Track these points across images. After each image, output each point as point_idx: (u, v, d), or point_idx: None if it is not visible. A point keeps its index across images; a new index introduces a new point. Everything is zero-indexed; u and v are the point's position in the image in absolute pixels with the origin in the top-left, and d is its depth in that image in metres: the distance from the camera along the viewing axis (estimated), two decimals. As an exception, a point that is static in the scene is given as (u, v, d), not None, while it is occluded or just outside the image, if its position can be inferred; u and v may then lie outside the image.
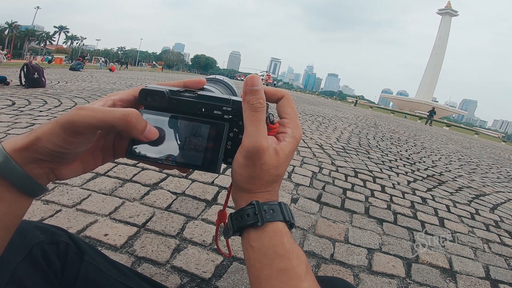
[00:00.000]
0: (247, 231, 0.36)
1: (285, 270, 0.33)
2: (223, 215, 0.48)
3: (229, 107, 0.35)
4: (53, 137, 0.30)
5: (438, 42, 73.97)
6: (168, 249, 1.14)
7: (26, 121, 2.68)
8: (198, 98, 0.35)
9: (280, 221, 0.36)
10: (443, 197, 2.47)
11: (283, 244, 0.34)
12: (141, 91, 0.36)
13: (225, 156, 0.36)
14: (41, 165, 0.32)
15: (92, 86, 6.49)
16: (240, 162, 0.35)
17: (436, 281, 1.26)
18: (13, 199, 0.31)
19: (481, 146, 10.59)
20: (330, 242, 1.40)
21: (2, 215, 0.31)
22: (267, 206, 0.36)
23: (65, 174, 0.34)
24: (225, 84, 0.48)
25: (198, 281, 1.01)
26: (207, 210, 1.49)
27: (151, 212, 1.37)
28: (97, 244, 1.11)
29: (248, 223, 0.35)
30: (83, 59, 14.98)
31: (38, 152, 0.30)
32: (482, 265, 1.46)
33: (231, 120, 0.35)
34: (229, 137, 0.36)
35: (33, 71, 5.16)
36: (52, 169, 0.33)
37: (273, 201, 0.37)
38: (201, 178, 1.84)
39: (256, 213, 0.35)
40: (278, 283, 0.33)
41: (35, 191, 0.33)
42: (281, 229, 0.35)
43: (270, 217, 0.35)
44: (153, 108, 0.36)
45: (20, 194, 0.32)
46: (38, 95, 4.31)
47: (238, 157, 0.35)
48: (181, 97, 0.36)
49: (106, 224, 1.23)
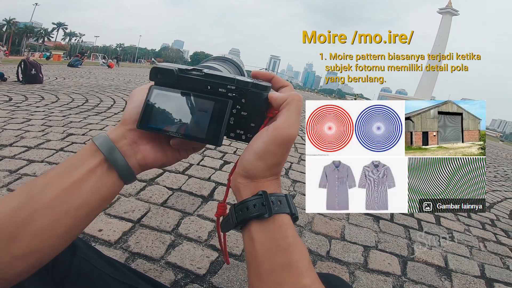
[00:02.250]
0: (250, 224, 0.35)
1: (286, 265, 0.32)
2: (223, 207, 0.46)
3: (233, 86, 0.37)
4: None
5: (438, 41, 74.00)
6: (163, 245, 1.14)
7: (22, 116, 2.67)
8: (205, 76, 0.38)
9: (286, 213, 0.35)
10: (440, 195, 2.48)
11: (287, 238, 0.34)
12: (152, 69, 0.38)
13: (228, 130, 0.39)
14: (136, 151, 0.37)
15: (90, 82, 6.46)
16: (270, 149, 0.35)
17: (432, 279, 1.26)
18: (112, 184, 0.36)
19: (479, 145, 10.62)
20: (326, 239, 1.40)
21: (98, 199, 0.35)
22: (275, 197, 0.35)
23: (150, 162, 0.39)
24: (232, 63, 0.50)
25: (193, 277, 1.01)
26: (203, 206, 1.48)
27: (146, 208, 1.37)
28: (91, 239, 1.10)
29: (254, 215, 0.34)
30: (81, 56, 14.91)
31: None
32: (478, 264, 1.46)
33: (234, 98, 0.38)
34: (232, 113, 0.38)
35: (31, 67, 5.15)
36: (144, 157, 0.38)
37: (280, 192, 0.37)
38: (198, 174, 1.84)
39: (263, 204, 0.34)
40: (279, 278, 0.32)
41: (130, 178, 0.37)
42: (287, 222, 0.35)
43: (278, 208, 0.35)
44: (163, 85, 0.38)
45: (118, 180, 0.36)
46: (35, 91, 4.29)
47: (269, 145, 0.35)
48: (189, 75, 0.38)
49: (100, 220, 1.22)
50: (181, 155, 0.43)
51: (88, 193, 0.34)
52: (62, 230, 0.33)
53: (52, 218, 0.32)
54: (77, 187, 0.33)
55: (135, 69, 19.29)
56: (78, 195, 0.33)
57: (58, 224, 0.32)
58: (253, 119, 0.38)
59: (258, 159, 0.36)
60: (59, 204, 0.32)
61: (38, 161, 1.71)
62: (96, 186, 0.34)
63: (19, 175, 1.52)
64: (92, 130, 2.46)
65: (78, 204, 0.33)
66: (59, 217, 0.32)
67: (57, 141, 2.09)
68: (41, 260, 0.33)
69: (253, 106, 0.38)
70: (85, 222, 0.35)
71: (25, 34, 70.55)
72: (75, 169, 0.34)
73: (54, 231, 0.32)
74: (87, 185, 0.34)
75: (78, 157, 0.36)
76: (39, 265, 0.33)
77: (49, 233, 0.32)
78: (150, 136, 0.39)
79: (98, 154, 0.35)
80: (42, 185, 0.33)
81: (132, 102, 0.39)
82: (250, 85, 0.37)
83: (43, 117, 2.74)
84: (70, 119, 2.75)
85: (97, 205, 0.35)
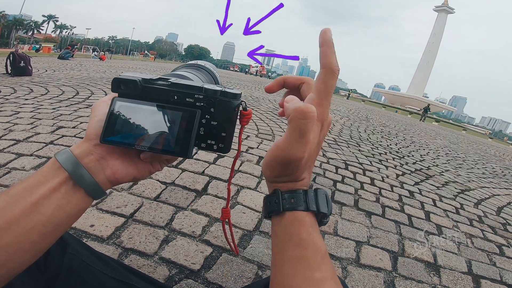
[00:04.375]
0: (273, 217, 0.37)
1: (298, 258, 0.33)
2: (226, 212, 0.49)
3: (201, 95, 0.36)
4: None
5: (432, 39, 74.54)
6: (156, 240, 1.13)
7: (11, 109, 2.60)
8: (171, 86, 0.36)
9: (301, 210, 0.35)
10: (429, 191, 2.52)
11: (300, 234, 0.34)
12: (114, 80, 0.36)
13: (198, 141, 0.38)
14: (104, 167, 0.36)
15: (81, 74, 6.33)
16: (273, 165, 0.36)
17: (421, 275, 1.29)
18: (79, 201, 0.35)
19: (468, 142, 10.81)
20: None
21: (65, 216, 0.34)
22: (288, 195, 0.36)
23: (121, 178, 0.38)
24: (205, 70, 0.49)
25: (187, 272, 1.01)
26: (197, 200, 1.48)
27: (139, 202, 1.36)
28: (83, 235, 1.09)
29: (272, 210, 0.37)
30: (72, 48, 14.57)
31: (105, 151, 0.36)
32: (465, 260, 1.49)
33: (203, 107, 0.36)
34: (201, 123, 0.37)
35: (19, 59, 5.03)
36: (113, 172, 0.37)
37: (299, 189, 0.37)
38: (191, 167, 1.83)
39: (276, 202, 0.36)
40: (290, 270, 0.33)
41: (99, 195, 0.37)
42: (300, 219, 0.35)
43: (289, 206, 0.36)
44: (127, 96, 0.36)
45: (85, 196, 0.35)
46: (24, 83, 4.18)
47: (272, 161, 0.36)
48: (154, 85, 0.36)
49: (92, 215, 1.20)
50: (154, 167, 0.42)
51: (53, 210, 0.33)
52: (28, 245, 0.32)
53: (17, 234, 0.32)
54: (40, 205, 0.33)
55: (127, 62, 18.97)
56: (42, 212, 0.33)
57: (24, 239, 0.32)
58: (223, 129, 0.37)
59: (266, 168, 0.37)
60: (23, 220, 0.32)
61: (27, 154, 1.68)
62: (61, 204, 0.34)
63: (8, 169, 1.48)
64: (83, 123, 2.42)
65: (43, 221, 0.33)
66: (25, 233, 0.32)
67: (46, 134, 2.05)
68: (10, 273, 0.33)
69: (223, 115, 0.37)
70: (52, 238, 0.35)
71: (14, 26, 68.62)
72: (38, 187, 0.33)
73: (20, 246, 0.32)
74: (51, 202, 0.33)
75: (42, 174, 0.35)
76: (8, 278, 0.33)
77: (15, 249, 0.32)
78: (120, 151, 0.38)
79: (62, 171, 0.34)
80: (4, 203, 0.32)
81: (95, 116, 0.37)
82: (219, 93, 0.36)
83: (32, 109, 2.67)
84: (60, 112, 2.70)
85: (64, 221, 0.34)
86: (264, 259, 1.15)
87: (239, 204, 1.52)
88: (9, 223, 0.31)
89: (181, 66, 0.52)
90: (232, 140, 0.39)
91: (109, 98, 0.38)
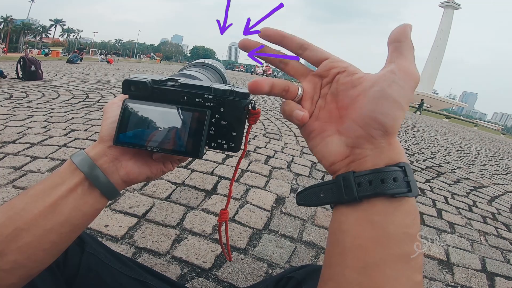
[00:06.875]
0: (374, 201, 0.27)
1: (405, 257, 0.26)
2: (224, 214, 0.47)
3: (210, 95, 0.36)
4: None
5: (440, 35, 73.26)
6: (168, 239, 1.15)
7: (24, 113, 2.67)
8: (180, 87, 0.37)
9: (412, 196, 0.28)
10: (441, 189, 2.49)
11: (408, 227, 0.27)
12: (124, 81, 0.37)
13: (208, 141, 0.38)
14: (118, 167, 0.37)
15: (90, 78, 6.43)
16: (408, 94, 0.27)
17: (433, 272, 1.28)
18: (94, 201, 0.36)
19: (480, 138, 10.60)
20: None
21: (82, 216, 0.35)
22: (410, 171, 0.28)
23: (134, 178, 0.38)
24: (213, 69, 0.49)
25: (198, 271, 1.02)
26: (206, 200, 1.49)
27: (151, 203, 1.38)
28: (97, 235, 1.11)
29: (392, 191, 0.26)
30: (80, 52, 14.83)
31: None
32: (479, 258, 1.47)
33: (212, 107, 0.36)
34: (211, 123, 0.37)
35: (30, 64, 5.11)
36: (127, 173, 0.37)
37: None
38: (201, 168, 1.84)
39: (406, 180, 0.27)
40: (393, 272, 0.26)
41: (114, 195, 0.37)
42: (414, 208, 0.28)
43: (415, 190, 0.28)
44: (137, 98, 0.37)
45: (101, 197, 0.36)
46: (35, 87, 4.28)
47: (405, 86, 0.27)
48: (164, 86, 0.37)
49: (106, 215, 1.23)
50: (166, 167, 0.42)
51: (70, 210, 0.34)
52: (48, 245, 0.33)
53: (36, 234, 0.32)
54: (58, 205, 0.34)
55: (134, 64, 19.20)
56: (60, 212, 0.34)
57: (43, 239, 0.33)
58: (234, 128, 0.38)
59: (392, 107, 0.27)
60: (42, 221, 0.33)
61: (42, 157, 1.72)
62: (78, 204, 0.34)
63: (24, 171, 1.53)
64: (94, 126, 2.46)
65: (62, 221, 0.34)
66: (44, 233, 0.33)
67: (59, 137, 2.10)
68: (30, 273, 0.34)
69: (233, 114, 0.37)
70: (71, 237, 0.36)
71: (22, 31, 70.09)
72: (55, 188, 0.34)
73: (40, 246, 0.33)
74: (69, 203, 0.34)
75: (58, 175, 0.36)
76: (29, 277, 0.34)
77: (35, 249, 0.33)
78: (132, 152, 0.38)
79: (78, 173, 0.35)
80: (23, 204, 0.33)
81: (107, 118, 0.38)
82: (228, 93, 0.36)
83: (45, 113, 2.74)
84: (72, 115, 2.75)
85: (80, 221, 0.35)
86: (274, 257, 1.15)
87: (248, 203, 1.53)
88: (29, 223, 0.32)
89: (188, 65, 0.52)
90: (242, 139, 0.39)
91: (119, 99, 0.39)
